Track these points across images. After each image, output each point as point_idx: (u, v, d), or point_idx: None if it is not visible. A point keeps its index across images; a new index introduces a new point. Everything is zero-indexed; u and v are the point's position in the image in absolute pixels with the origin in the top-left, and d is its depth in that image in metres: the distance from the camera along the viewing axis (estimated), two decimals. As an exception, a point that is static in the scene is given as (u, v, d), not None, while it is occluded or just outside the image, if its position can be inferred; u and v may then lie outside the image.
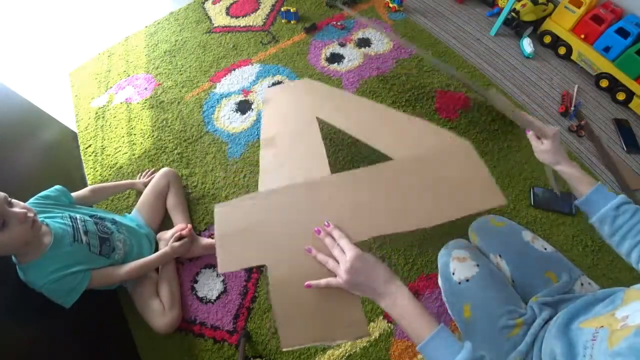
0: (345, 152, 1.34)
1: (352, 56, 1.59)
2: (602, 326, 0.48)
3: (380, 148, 0.82)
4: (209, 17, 1.79)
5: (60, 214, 0.91)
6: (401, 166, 0.78)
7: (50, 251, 0.82)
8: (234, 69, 1.59)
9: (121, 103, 1.54)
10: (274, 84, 1.52)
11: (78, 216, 0.94)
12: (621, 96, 1.42)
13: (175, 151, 1.38)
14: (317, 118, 0.95)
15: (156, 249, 1.12)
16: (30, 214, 0.78)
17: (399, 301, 0.57)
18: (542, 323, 0.63)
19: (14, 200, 0.77)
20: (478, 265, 0.76)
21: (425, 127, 0.86)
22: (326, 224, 0.65)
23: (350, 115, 0.95)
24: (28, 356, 0.76)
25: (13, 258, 0.81)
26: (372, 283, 0.58)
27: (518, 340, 0.64)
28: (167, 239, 1.08)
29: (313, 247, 0.63)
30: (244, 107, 1.48)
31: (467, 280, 0.75)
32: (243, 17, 1.77)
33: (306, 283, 0.61)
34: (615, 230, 0.62)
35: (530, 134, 0.82)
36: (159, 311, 1.00)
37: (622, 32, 1.35)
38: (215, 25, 1.75)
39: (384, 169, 0.77)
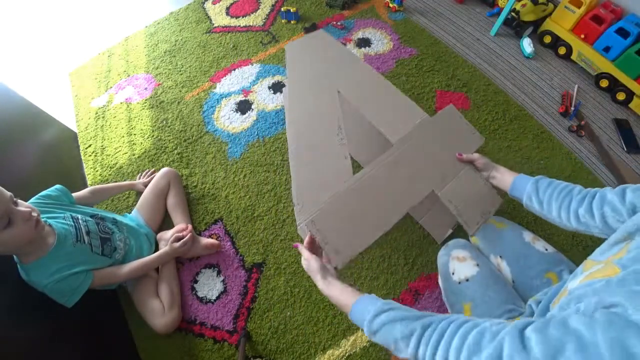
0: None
1: (352, 56, 1.59)
2: (557, 301, 0.51)
3: (382, 129, 0.90)
4: (209, 17, 1.79)
5: (62, 214, 0.91)
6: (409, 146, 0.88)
7: (53, 251, 0.82)
8: (234, 69, 1.59)
9: (121, 103, 1.54)
10: (274, 84, 1.52)
11: (79, 216, 0.94)
12: (621, 96, 1.42)
13: (175, 151, 1.38)
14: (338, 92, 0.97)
15: (156, 249, 1.12)
16: (35, 213, 0.78)
17: (331, 291, 0.65)
18: None
19: (18, 200, 0.78)
20: (478, 265, 0.76)
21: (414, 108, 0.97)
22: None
23: (367, 95, 0.96)
24: (28, 356, 0.76)
25: (15, 258, 0.81)
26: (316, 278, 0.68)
27: None
28: (167, 239, 1.08)
29: (298, 244, 0.76)
30: (244, 107, 1.48)
31: (467, 280, 0.75)
32: (243, 17, 1.77)
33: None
34: (541, 202, 0.69)
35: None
36: (159, 311, 1.00)
37: (622, 32, 1.35)
38: (215, 25, 1.75)
39: (401, 147, 0.87)
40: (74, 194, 1.02)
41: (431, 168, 0.85)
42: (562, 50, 1.55)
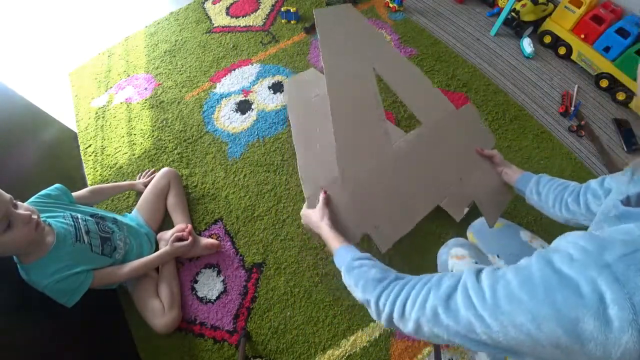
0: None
1: (352, 56, 1.59)
2: None
3: (414, 112, 0.93)
4: (209, 17, 1.79)
5: (61, 214, 0.91)
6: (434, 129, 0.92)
7: (53, 251, 0.82)
8: (234, 69, 1.59)
9: (121, 103, 1.54)
10: (274, 84, 1.52)
11: (79, 215, 0.94)
12: (621, 96, 1.42)
13: (175, 151, 1.38)
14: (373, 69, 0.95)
15: (156, 249, 1.12)
16: (35, 216, 0.78)
17: (324, 237, 0.70)
18: None
19: (18, 202, 0.78)
20: (477, 263, 0.76)
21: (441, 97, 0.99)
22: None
23: (398, 76, 0.97)
24: (28, 356, 0.76)
25: (14, 258, 0.81)
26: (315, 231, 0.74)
27: None
28: (168, 239, 1.08)
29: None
30: (244, 107, 1.48)
31: None
32: (243, 17, 1.77)
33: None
34: (540, 194, 0.76)
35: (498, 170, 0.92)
36: (158, 311, 1.00)
37: (622, 32, 1.35)
38: (215, 25, 1.75)
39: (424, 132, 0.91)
40: (73, 194, 1.02)
41: (459, 157, 0.90)
42: (562, 50, 1.55)
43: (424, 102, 0.95)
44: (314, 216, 0.73)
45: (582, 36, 1.46)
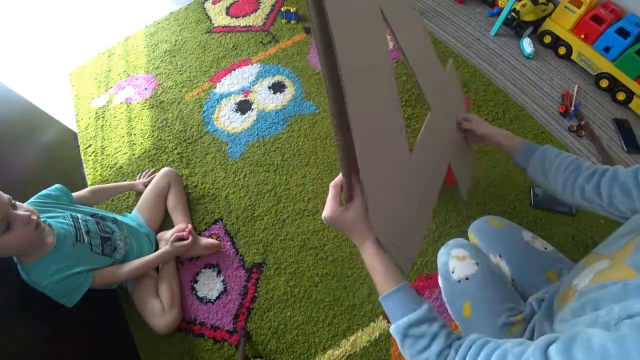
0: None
1: (352, 56, 1.59)
2: (564, 297, 0.51)
3: (424, 91, 0.76)
4: (209, 17, 1.79)
5: (61, 214, 0.91)
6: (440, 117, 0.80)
7: (53, 251, 0.82)
8: (234, 69, 1.59)
9: (121, 103, 1.54)
10: (274, 84, 1.52)
11: (79, 215, 0.94)
12: (621, 96, 1.42)
13: (175, 151, 1.38)
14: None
15: (156, 249, 1.12)
16: (34, 217, 0.78)
17: (366, 258, 0.56)
18: (540, 318, 0.63)
19: (17, 203, 0.78)
20: (477, 264, 0.76)
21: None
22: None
23: (406, 32, 0.74)
24: (28, 356, 0.76)
25: (14, 258, 0.81)
26: (346, 233, 0.58)
27: (519, 337, 0.64)
28: (168, 239, 1.08)
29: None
30: (244, 107, 1.48)
31: (467, 279, 0.75)
32: (243, 17, 1.77)
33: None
34: (546, 172, 0.66)
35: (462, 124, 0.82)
36: (158, 311, 1.00)
37: (622, 32, 1.34)
38: (215, 25, 1.75)
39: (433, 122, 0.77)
40: (73, 194, 1.02)
41: (448, 138, 0.82)
42: (562, 50, 1.55)
43: (429, 72, 0.77)
44: (363, 223, 0.54)
45: (582, 36, 1.46)
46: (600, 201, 0.57)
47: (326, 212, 0.55)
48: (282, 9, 1.69)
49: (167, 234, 1.12)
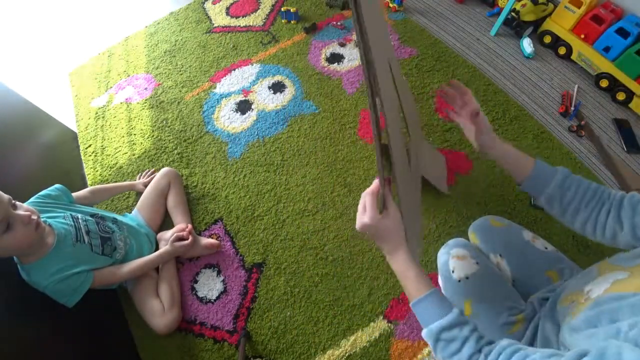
0: (345, 151, 1.34)
1: (352, 56, 1.59)
2: (573, 301, 0.50)
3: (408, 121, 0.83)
4: (209, 17, 1.79)
5: (62, 214, 0.91)
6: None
7: (53, 252, 0.82)
8: (234, 69, 1.59)
9: (121, 103, 1.54)
10: (274, 84, 1.52)
11: (79, 216, 0.94)
12: (621, 96, 1.42)
13: (175, 151, 1.38)
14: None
15: (156, 249, 1.12)
16: (34, 217, 0.78)
17: (398, 266, 0.57)
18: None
19: (17, 203, 0.78)
20: (478, 264, 0.76)
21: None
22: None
23: (399, 78, 0.79)
24: (28, 355, 0.76)
25: (15, 258, 0.81)
26: (377, 244, 0.60)
27: (519, 336, 0.64)
28: (168, 239, 1.08)
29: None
30: (244, 107, 1.48)
31: (467, 278, 0.75)
32: (243, 17, 1.77)
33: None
34: (565, 208, 0.60)
35: (460, 116, 0.73)
36: (158, 311, 1.00)
37: (622, 32, 1.34)
38: (215, 25, 1.75)
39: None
40: (73, 194, 1.02)
41: (421, 154, 0.90)
42: (562, 50, 1.55)
43: (410, 110, 0.85)
44: (398, 231, 0.56)
45: (582, 36, 1.46)
46: (622, 232, 0.53)
47: (367, 219, 0.55)
48: (282, 9, 1.69)
49: (167, 234, 1.12)
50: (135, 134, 1.44)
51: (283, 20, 1.72)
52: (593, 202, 0.57)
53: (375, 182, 0.58)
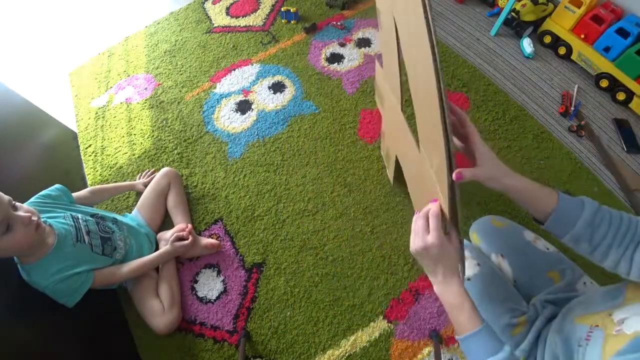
0: (345, 151, 1.34)
1: (352, 56, 1.59)
2: (597, 325, 0.46)
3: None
4: (209, 17, 1.79)
5: (62, 214, 0.91)
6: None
7: (53, 252, 0.82)
8: (234, 69, 1.59)
9: (121, 103, 1.54)
10: (274, 84, 1.52)
11: (80, 216, 0.94)
12: (621, 96, 1.42)
13: (175, 151, 1.38)
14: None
15: (156, 249, 1.12)
16: (35, 218, 0.78)
17: (452, 296, 0.54)
18: (544, 321, 0.63)
19: (17, 204, 0.77)
20: (479, 264, 0.76)
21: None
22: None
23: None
24: (28, 355, 0.76)
25: (15, 258, 0.81)
26: (429, 269, 0.56)
27: (521, 339, 0.64)
28: (168, 239, 1.08)
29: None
30: (244, 107, 1.48)
31: (468, 279, 0.75)
32: (243, 17, 1.77)
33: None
34: (595, 247, 0.52)
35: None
36: (158, 311, 1.00)
37: (622, 32, 1.34)
38: (215, 25, 1.75)
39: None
40: (73, 194, 1.02)
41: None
42: (562, 50, 1.55)
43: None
44: (456, 260, 0.54)
45: (582, 36, 1.46)
46: None
47: (433, 239, 0.51)
48: (282, 9, 1.69)
49: (167, 234, 1.12)
50: (135, 134, 1.44)
51: (283, 20, 1.72)
52: (627, 238, 0.50)
53: (437, 205, 0.54)
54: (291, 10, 1.67)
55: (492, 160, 0.56)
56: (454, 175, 0.49)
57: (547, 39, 1.58)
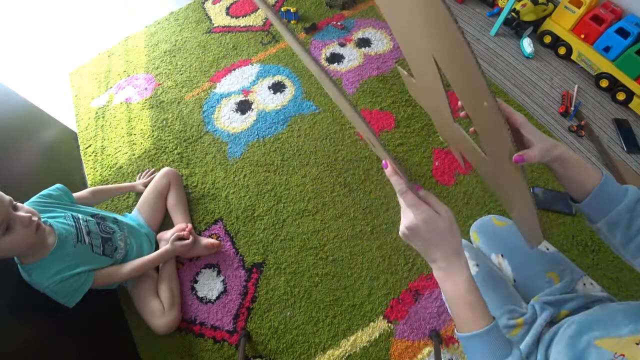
0: (345, 151, 1.34)
1: (352, 56, 1.59)
2: (622, 355, 0.41)
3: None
4: (209, 17, 1.79)
5: (62, 214, 0.91)
6: None
7: (54, 252, 0.82)
8: (234, 69, 1.59)
9: (121, 103, 1.54)
10: (274, 84, 1.52)
11: (80, 216, 0.94)
12: (621, 96, 1.42)
13: (175, 151, 1.38)
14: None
15: (156, 249, 1.12)
16: (35, 218, 0.78)
17: (458, 284, 0.45)
18: (543, 323, 0.63)
19: (18, 204, 0.77)
20: (478, 265, 0.76)
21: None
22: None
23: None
24: (28, 355, 0.76)
25: (15, 258, 0.81)
26: (425, 254, 0.47)
27: (519, 341, 0.64)
28: (168, 239, 1.08)
29: (388, 162, 0.46)
30: (244, 107, 1.48)
31: None
32: (243, 17, 1.77)
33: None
34: (630, 239, 0.47)
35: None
36: (158, 311, 1.00)
37: (622, 32, 1.34)
38: (215, 25, 1.75)
39: None
40: (74, 194, 1.02)
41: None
42: (562, 50, 1.55)
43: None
44: (454, 238, 0.45)
45: (582, 36, 1.46)
46: None
47: (416, 216, 0.43)
48: (282, 9, 1.69)
49: (167, 234, 1.12)
50: (135, 134, 1.44)
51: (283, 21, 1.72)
52: None
53: (390, 169, 0.46)
54: (291, 10, 1.67)
55: (541, 136, 0.54)
56: (514, 158, 0.46)
57: (547, 39, 1.58)
